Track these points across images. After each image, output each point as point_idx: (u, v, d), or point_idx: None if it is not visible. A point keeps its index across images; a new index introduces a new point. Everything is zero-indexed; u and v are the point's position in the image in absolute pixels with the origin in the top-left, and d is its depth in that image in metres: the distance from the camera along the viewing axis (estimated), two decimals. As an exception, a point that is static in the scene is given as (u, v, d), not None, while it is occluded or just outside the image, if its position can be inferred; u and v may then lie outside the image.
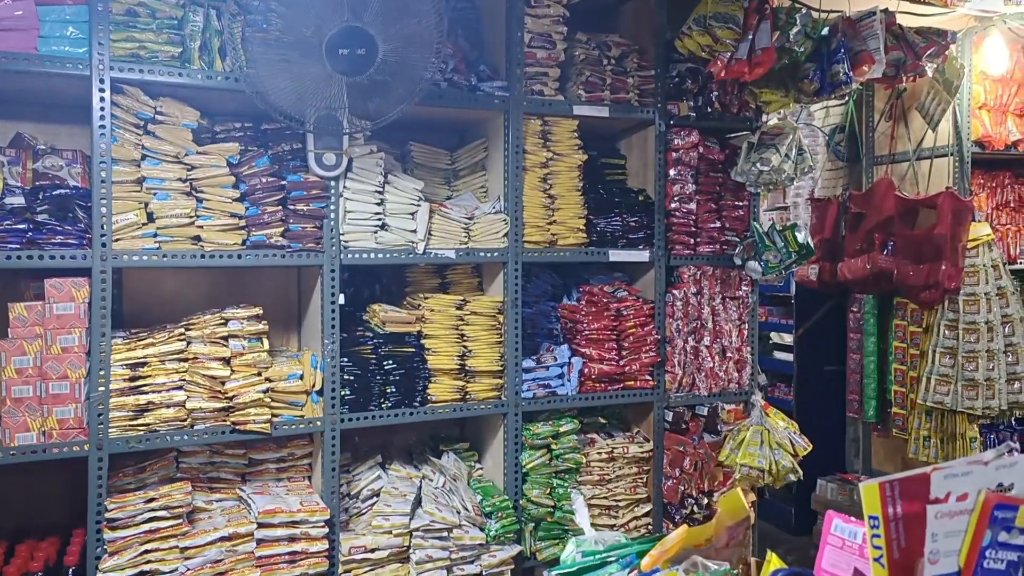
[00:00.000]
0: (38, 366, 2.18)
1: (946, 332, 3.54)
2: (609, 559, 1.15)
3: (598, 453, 3.06)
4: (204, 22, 2.31)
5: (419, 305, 2.83)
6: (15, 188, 2.14)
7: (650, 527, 3.16)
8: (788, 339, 5.06)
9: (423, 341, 2.78)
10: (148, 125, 2.34)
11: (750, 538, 1.18)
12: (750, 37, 2.75)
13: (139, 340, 2.38)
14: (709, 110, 3.14)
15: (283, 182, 2.50)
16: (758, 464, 3.06)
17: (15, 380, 2.15)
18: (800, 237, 3.09)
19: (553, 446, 2.97)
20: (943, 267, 3.43)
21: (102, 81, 2.23)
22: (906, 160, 3.87)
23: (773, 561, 0.94)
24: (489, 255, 2.84)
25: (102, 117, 2.24)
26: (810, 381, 4.59)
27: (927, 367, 3.60)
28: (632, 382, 3.07)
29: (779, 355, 5.29)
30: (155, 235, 2.33)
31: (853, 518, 1.12)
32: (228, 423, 2.44)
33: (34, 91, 2.42)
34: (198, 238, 2.40)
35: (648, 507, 3.15)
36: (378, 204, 2.67)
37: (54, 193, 2.20)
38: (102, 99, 2.24)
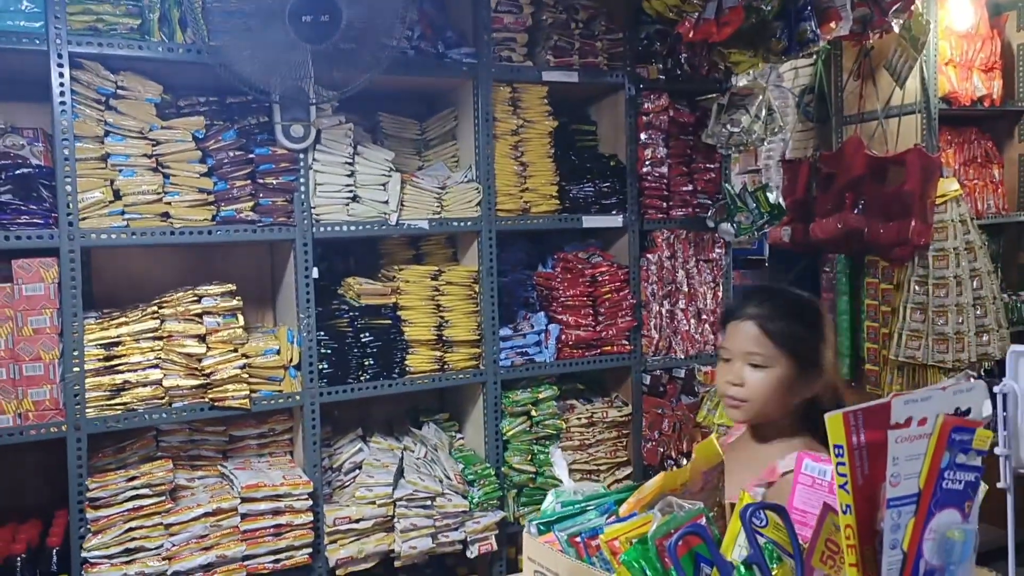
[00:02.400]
0: (10, 348, 2.15)
1: (916, 288, 3.60)
2: (588, 507, 1.17)
3: (578, 419, 3.09)
4: (163, -8, 2.26)
5: (394, 277, 2.82)
6: (-26, 168, 2.10)
7: (631, 488, 3.20)
8: (763, 302, 5.11)
9: (399, 313, 2.78)
10: (110, 100, 2.29)
11: (723, 482, 1.20)
12: (717, -3, 2.74)
13: (112, 319, 2.35)
14: (678, 72, 3.14)
15: (251, 156, 2.48)
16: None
17: (-13, 363, 2.13)
18: (772, 198, 3.12)
19: (533, 413, 2.99)
20: (912, 224, 3.48)
21: (60, 56, 2.18)
22: (875, 119, 3.90)
23: (744, 498, 0.96)
24: (462, 224, 2.84)
25: (62, 93, 2.19)
26: (785, 342, 4.63)
27: (899, 323, 3.66)
28: (609, 347, 3.10)
29: (755, 318, 5.35)
30: (123, 213, 2.30)
31: (823, 457, 1.15)
32: (206, 400, 2.43)
33: (-11, 69, 2.36)
34: (167, 215, 2.37)
35: (629, 470, 3.19)
36: (348, 176, 2.65)
37: (16, 173, 2.16)
38: (61, 75, 2.19)
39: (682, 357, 3.23)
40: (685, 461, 3.23)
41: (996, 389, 1.16)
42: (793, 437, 1.50)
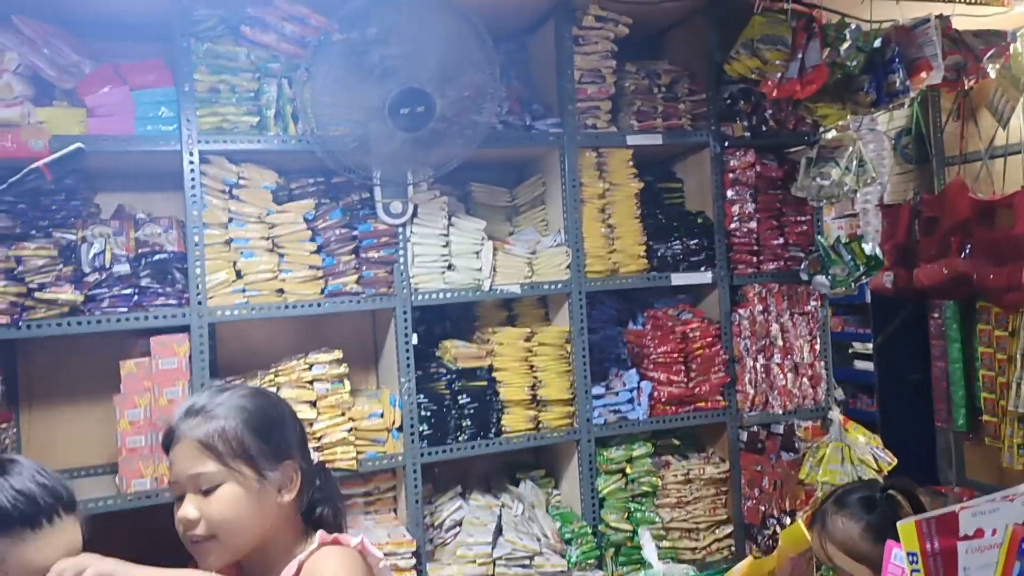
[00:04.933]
0: (148, 417, 2.39)
1: (1033, 335, 3.41)
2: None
3: (674, 475, 3.08)
4: (277, 92, 2.51)
5: (488, 339, 2.94)
6: (121, 257, 2.37)
7: (732, 548, 3.15)
8: (868, 348, 4.94)
9: (494, 374, 2.88)
10: (233, 190, 2.54)
11: (812, 568, 1.22)
12: (799, 56, 2.77)
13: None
14: (764, 128, 3.16)
15: (355, 232, 2.67)
16: (840, 481, 3.02)
17: (129, 431, 2.37)
18: (868, 248, 3.06)
19: (628, 470, 3.01)
20: (1025, 268, 3.32)
21: (191, 153, 2.45)
22: (978, 159, 3.77)
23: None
24: (552, 287, 2.93)
25: (193, 186, 2.46)
26: (893, 391, 4.46)
27: (1016, 372, 3.47)
28: (703, 403, 3.09)
29: (860, 364, 5.17)
30: (244, 291, 2.52)
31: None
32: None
33: (132, 165, 2.66)
34: (281, 290, 2.58)
35: (729, 528, 3.14)
36: (444, 246, 2.80)
37: (155, 258, 2.43)
38: (192, 170, 2.45)
39: (780, 412, 3.18)
40: (788, 520, 3.16)
41: None
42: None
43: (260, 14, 2.46)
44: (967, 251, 3.53)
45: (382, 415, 2.71)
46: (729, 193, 3.14)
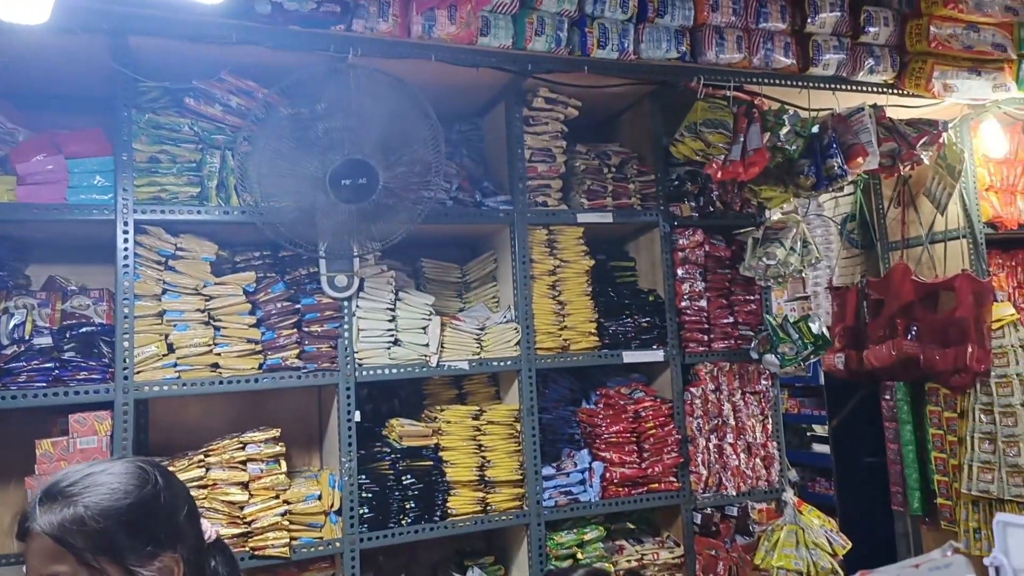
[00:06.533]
0: (62, 500, 2.23)
1: (982, 417, 3.43)
2: None
3: (627, 561, 2.96)
4: (220, 163, 2.48)
5: (436, 417, 2.85)
6: (43, 329, 2.27)
7: (688, 640, 3.01)
8: (826, 431, 4.93)
9: (441, 453, 2.78)
10: (169, 261, 2.47)
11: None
12: (741, 139, 2.85)
13: (160, 468, 2.43)
14: (711, 209, 3.21)
15: (298, 306, 2.61)
16: (795, 566, 2.93)
17: (39, 515, 2.20)
18: (815, 328, 3.08)
19: (579, 555, 2.89)
20: (969, 350, 3.36)
21: (126, 224, 2.39)
22: (919, 244, 3.87)
23: None
24: (502, 364, 2.88)
25: (125, 257, 2.38)
26: (850, 474, 4.42)
27: (967, 454, 3.47)
28: (656, 484, 3.01)
29: (817, 448, 5.14)
30: (175, 365, 2.42)
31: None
32: (247, 549, 2.44)
33: (66, 236, 2.59)
34: (216, 365, 2.49)
35: (684, 618, 3.01)
36: (390, 321, 2.74)
37: (80, 331, 2.32)
38: (125, 240, 2.39)
39: (734, 493, 3.11)
40: (745, 609, 3.04)
41: (987, 562, 1.06)
42: None
43: (206, 86, 2.46)
44: (913, 333, 3.58)
45: (320, 497, 2.58)
46: (679, 272, 3.16)
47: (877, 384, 4.11)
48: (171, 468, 2.42)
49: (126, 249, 2.38)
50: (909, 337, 3.58)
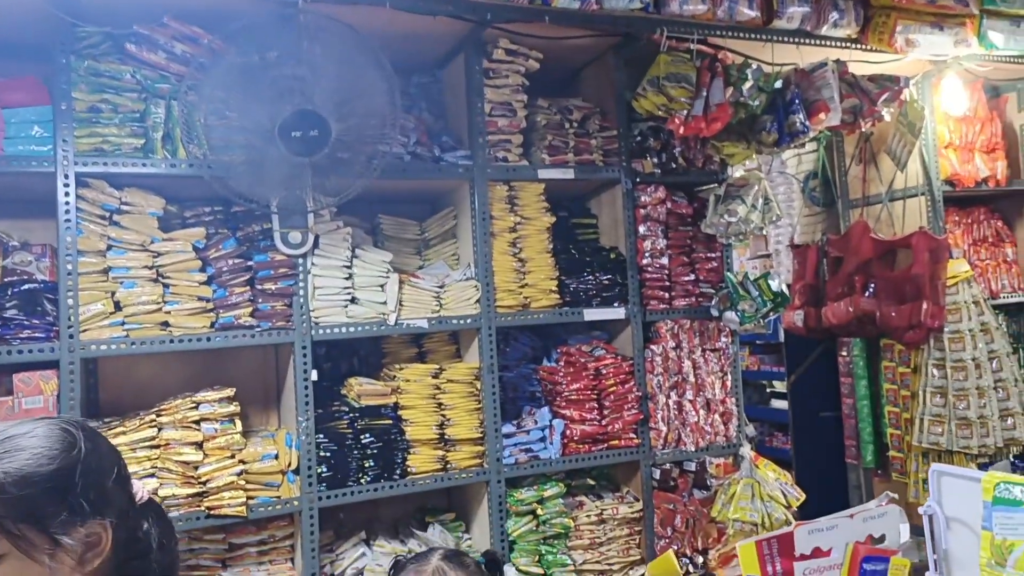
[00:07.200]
0: (7, 461, 2.17)
1: (934, 371, 3.50)
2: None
3: (587, 516, 3.00)
4: (166, 113, 2.38)
5: (395, 376, 2.82)
6: (-19, 286, 2.18)
7: (645, 590, 3.07)
8: (784, 387, 5.02)
9: (400, 412, 2.76)
10: (113, 216, 2.39)
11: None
12: (704, 94, 2.81)
13: (111, 429, 2.38)
14: (674, 166, 3.19)
15: (250, 263, 2.54)
16: (750, 518, 2.99)
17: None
18: (774, 285, 3.10)
19: (539, 511, 2.91)
20: (924, 306, 3.42)
21: (67, 176, 2.29)
22: (879, 202, 3.90)
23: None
24: (462, 322, 2.85)
25: (67, 211, 2.29)
26: (807, 428, 4.52)
27: (919, 408, 3.55)
28: (616, 441, 3.03)
29: (776, 403, 5.23)
30: (123, 323, 2.35)
31: None
32: (202, 508, 2.41)
33: (5, 189, 2.48)
34: (166, 323, 2.42)
35: (642, 569, 3.06)
36: (347, 278, 2.69)
37: (22, 288, 2.24)
38: (67, 193, 2.29)
39: (692, 449, 3.15)
40: (700, 559, 3.10)
41: (921, 510, 1.08)
42: None
43: (149, 32, 2.35)
44: (871, 290, 3.62)
45: (277, 457, 2.55)
46: (641, 229, 3.14)
47: (835, 341, 4.17)
48: (122, 428, 2.37)
49: (67, 203, 2.29)
50: (867, 294, 3.62)
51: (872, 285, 3.62)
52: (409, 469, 2.75)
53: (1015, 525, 0.91)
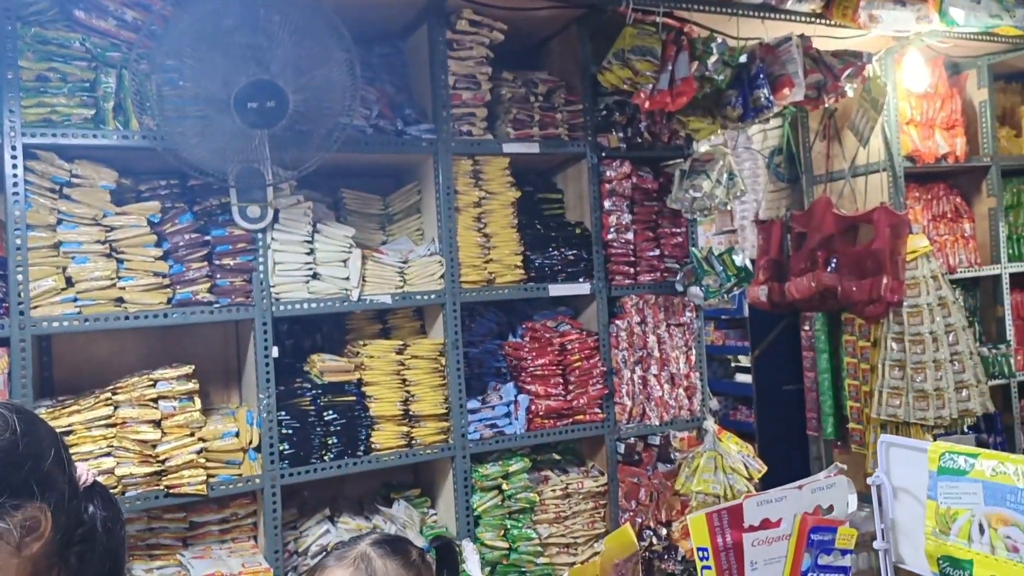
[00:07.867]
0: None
1: (893, 345, 3.57)
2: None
3: (552, 490, 3.02)
4: (117, 82, 2.30)
5: (358, 352, 2.79)
6: (-74, 262, 2.10)
7: (610, 563, 3.11)
8: (748, 361, 5.08)
9: (364, 388, 2.74)
10: (64, 189, 2.31)
11: (639, 573, 1.16)
12: (669, 68, 2.80)
13: (65, 407, 2.32)
14: (639, 140, 3.18)
15: (207, 238, 2.48)
16: (713, 490, 3.04)
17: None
18: (738, 260, 3.12)
19: (504, 486, 2.93)
20: (884, 281, 3.48)
21: (14, 148, 2.21)
22: (842, 178, 3.94)
23: None
24: (426, 298, 2.83)
25: (15, 184, 2.21)
26: (770, 402, 4.59)
27: (878, 381, 3.62)
28: (581, 416, 3.05)
29: (741, 378, 5.30)
30: (75, 299, 2.29)
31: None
32: (161, 487, 2.38)
33: (-51, 161, 2.39)
34: (121, 299, 2.36)
35: (607, 542, 3.10)
36: (308, 254, 2.65)
37: (-33, 264, 2.17)
38: (15, 166, 2.21)
39: (657, 423, 3.18)
40: (664, 531, 3.15)
41: (869, 481, 1.09)
42: None
43: (97, -2, 2.26)
44: (833, 265, 3.67)
45: (237, 434, 2.52)
46: (606, 204, 3.14)
47: (798, 315, 4.23)
48: (77, 407, 2.32)
49: (15, 176, 2.21)
50: (829, 269, 3.67)
51: (834, 260, 3.67)
52: (373, 445, 2.73)
53: (959, 494, 0.92)
